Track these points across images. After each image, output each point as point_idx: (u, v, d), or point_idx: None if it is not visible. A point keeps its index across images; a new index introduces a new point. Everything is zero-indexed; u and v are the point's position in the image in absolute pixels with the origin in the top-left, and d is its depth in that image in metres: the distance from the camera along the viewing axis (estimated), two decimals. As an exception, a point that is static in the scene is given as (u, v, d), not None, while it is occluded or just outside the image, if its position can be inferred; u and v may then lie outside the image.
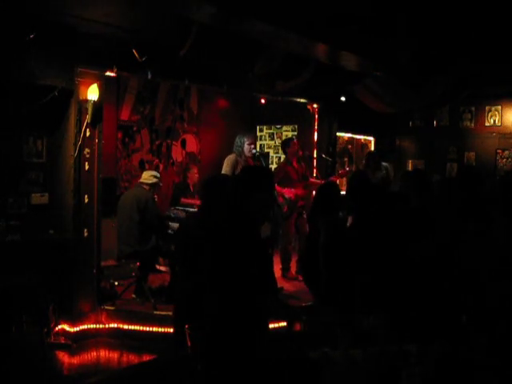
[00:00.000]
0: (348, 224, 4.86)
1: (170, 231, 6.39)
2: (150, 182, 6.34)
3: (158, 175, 6.53)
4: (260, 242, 2.92)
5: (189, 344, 2.84)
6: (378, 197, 4.26)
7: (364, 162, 8.33)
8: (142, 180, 6.39)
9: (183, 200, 7.05)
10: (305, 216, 6.99)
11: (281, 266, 7.07)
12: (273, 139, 9.74)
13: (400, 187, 4.67)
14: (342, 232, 4.22)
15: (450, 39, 6.00)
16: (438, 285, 3.64)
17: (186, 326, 3.69)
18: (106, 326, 5.63)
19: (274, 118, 9.32)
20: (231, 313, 2.72)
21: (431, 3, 5.45)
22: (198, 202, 7.24)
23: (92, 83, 5.50)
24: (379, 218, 4.14)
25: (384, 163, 7.87)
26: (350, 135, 9.49)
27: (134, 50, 5.49)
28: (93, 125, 5.60)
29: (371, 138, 9.95)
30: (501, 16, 5.52)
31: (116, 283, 6.37)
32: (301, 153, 7.22)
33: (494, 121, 8.47)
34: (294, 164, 7.13)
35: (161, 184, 6.67)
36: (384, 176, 7.63)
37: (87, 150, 5.61)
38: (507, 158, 8.29)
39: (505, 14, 5.46)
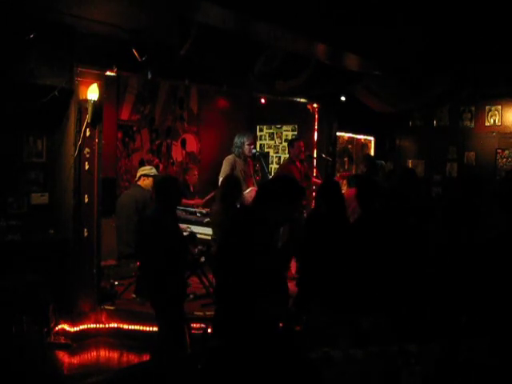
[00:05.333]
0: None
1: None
2: (152, 173, 6.30)
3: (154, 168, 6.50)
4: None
5: (188, 343, 2.85)
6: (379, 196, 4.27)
7: (361, 163, 8.32)
8: (142, 174, 6.32)
9: (184, 201, 7.05)
10: (305, 215, 6.98)
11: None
12: (273, 139, 9.74)
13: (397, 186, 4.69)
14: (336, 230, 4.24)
15: (451, 39, 6.00)
16: (438, 285, 3.64)
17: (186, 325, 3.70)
18: (106, 325, 5.63)
19: (274, 117, 9.32)
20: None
21: (432, 3, 5.44)
22: (198, 203, 7.24)
23: (92, 83, 5.50)
24: (381, 218, 4.14)
25: (378, 161, 7.88)
26: (350, 135, 9.48)
27: (134, 50, 5.49)
28: (93, 125, 5.60)
29: (371, 138, 9.94)
30: (501, 16, 5.52)
31: (116, 283, 6.36)
32: (302, 156, 7.20)
33: (494, 121, 8.46)
34: (298, 163, 7.13)
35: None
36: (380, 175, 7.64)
37: (87, 150, 5.61)
38: (507, 158, 8.28)
39: (505, 13, 5.46)
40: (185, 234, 5.65)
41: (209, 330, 3.12)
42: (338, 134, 8.98)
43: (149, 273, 4.35)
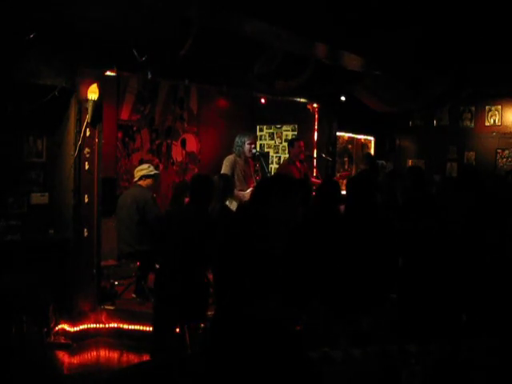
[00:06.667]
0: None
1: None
2: (153, 173, 6.29)
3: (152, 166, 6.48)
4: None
5: (188, 343, 2.85)
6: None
7: (361, 162, 8.34)
8: (141, 175, 6.30)
9: (187, 201, 7.03)
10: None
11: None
12: (273, 139, 9.74)
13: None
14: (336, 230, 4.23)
15: (450, 39, 6.00)
16: (438, 284, 3.64)
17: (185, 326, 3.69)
18: (106, 325, 5.63)
19: (274, 117, 9.32)
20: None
21: (432, 4, 5.45)
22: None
23: (92, 83, 5.50)
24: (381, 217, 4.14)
25: (379, 161, 7.90)
26: (350, 135, 9.49)
27: (134, 50, 5.49)
28: (93, 124, 5.60)
29: (371, 138, 9.95)
30: (501, 16, 5.52)
31: (116, 283, 6.37)
32: (302, 156, 7.19)
33: (494, 121, 8.47)
34: (297, 164, 7.13)
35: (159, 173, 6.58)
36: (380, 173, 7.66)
37: (87, 150, 5.61)
38: (507, 158, 8.29)
39: (505, 13, 5.46)
40: None
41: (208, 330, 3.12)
42: (338, 133, 8.98)
43: (165, 270, 4.26)
